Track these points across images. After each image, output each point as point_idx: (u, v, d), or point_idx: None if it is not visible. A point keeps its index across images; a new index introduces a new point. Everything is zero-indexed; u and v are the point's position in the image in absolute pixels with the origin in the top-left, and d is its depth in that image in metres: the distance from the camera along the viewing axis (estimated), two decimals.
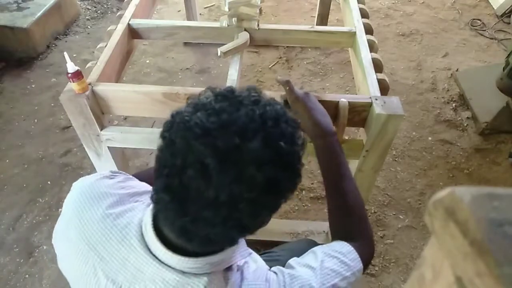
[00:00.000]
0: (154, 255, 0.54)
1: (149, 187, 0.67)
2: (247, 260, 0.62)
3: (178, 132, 0.47)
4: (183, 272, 0.54)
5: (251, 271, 0.60)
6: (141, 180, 0.71)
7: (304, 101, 0.82)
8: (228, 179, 0.44)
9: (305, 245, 1.05)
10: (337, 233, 0.74)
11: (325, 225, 1.43)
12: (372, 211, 1.55)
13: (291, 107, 0.84)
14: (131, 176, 0.69)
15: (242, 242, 0.63)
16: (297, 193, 1.61)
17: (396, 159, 1.74)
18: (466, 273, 0.21)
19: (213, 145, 0.44)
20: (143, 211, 0.59)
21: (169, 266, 0.54)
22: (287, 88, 0.85)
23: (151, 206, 0.56)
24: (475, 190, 0.22)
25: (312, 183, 1.64)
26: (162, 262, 0.54)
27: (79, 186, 0.63)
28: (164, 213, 0.51)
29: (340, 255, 0.65)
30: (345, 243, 0.68)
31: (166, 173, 0.47)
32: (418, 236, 1.48)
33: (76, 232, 0.59)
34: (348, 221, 0.74)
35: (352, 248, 0.67)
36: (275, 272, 0.62)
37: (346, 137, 1.01)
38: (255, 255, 0.66)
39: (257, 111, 0.48)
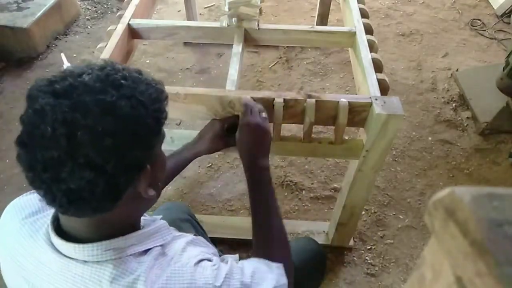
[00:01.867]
0: (58, 251, 0.55)
1: None
2: (174, 242, 0.61)
3: (26, 96, 0.50)
4: (84, 262, 0.53)
5: (184, 257, 0.58)
6: None
7: (250, 131, 0.82)
8: (62, 110, 0.46)
9: (304, 243, 1.06)
10: (263, 257, 0.74)
11: (325, 225, 1.43)
12: (372, 211, 1.55)
13: (239, 129, 0.84)
14: None
15: (161, 225, 0.62)
16: (297, 193, 1.61)
17: (396, 159, 1.74)
18: (466, 273, 0.21)
19: (52, 89, 0.48)
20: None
21: (71, 258, 0.54)
22: (244, 110, 0.85)
23: None
24: (475, 190, 0.22)
25: (312, 183, 1.64)
26: (65, 256, 0.54)
27: (7, 207, 0.65)
28: (27, 177, 0.50)
29: (268, 268, 0.66)
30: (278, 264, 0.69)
31: (20, 132, 0.49)
32: (418, 236, 1.48)
33: (2, 249, 0.61)
34: (271, 252, 0.75)
35: (281, 265, 0.68)
36: (211, 260, 0.60)
37: (346, 137, 1.01)
38: (186, 238, 0.64)
39: (99, 64, 0.53)
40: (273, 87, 2.08)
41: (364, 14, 1.28)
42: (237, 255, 0.79)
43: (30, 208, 0.62)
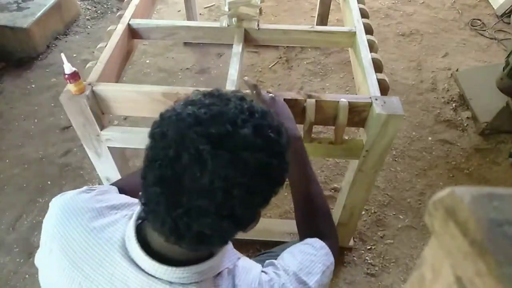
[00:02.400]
0: (140, 268, 0.54)
1: (128, 199, 0.66)
2: (238, 263, 0.62)
3: (169, 124, 0.48)
4: (170, 283, 0.53)
5: (243, 276, 0.59)
6: (121, 187, 0.72)
7: (270, 106, 0.82)
8: (223, 164, 0.45)
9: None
10: (306, 233, 0.75)
11: None
12: (372, 211, 1.55)
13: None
14: (107, 189, 0.69)
15: (230, 246, 0.63)
16: None
17: (396, 159, 1.74)
18: (466, 273, 0.21)
19: (207, 132, 0.46)
20: (125, 225, 0.58)
21: (156, 277, 0.53)
22: (254, 92, 0.85)
23: (134, 218, 0.56)
24: (475, 190, 0.22)
25: None
26: (149, 274, 0.53)
27: (58, 203, 0.63)
28: (154, 211, 0.49)
29: (314, 251, 0.68)
30: (317, 239, 0.70)
31: (157, 166, 0.47)
32: (418, 236, 1.48)
33: (59, 250, 0.58)
34: (316, 223, 0.76)
35: (324, 244, 0.69)
36: (266, 273, 0.62)
37: (346, 137, 1.01)
38: (245, 258, 0.65)
39: (245, 105, 0.50)
40: (273, 87, 2.08)
41: (364, 14, 1.28)
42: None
43: (89, 213, 0.60)
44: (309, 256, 0.65)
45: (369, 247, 1.44)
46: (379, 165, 1.02)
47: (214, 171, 0.45)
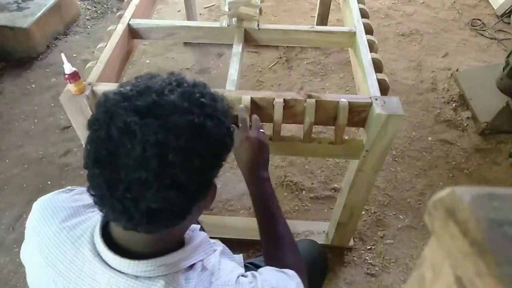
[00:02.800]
0: (106, 263, 0.53)
1: None
2: (221, 263, 0.61)
3: (99, 108, 0.49)
4: (136, 277, 0.52)
5: (222, 273, 0.58)
6: None
7: (249, 145, 0.82)
8: (152, 130, 0.45)
9: (306, 245, 1.06)
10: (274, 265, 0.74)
11: (325, 225, 1.43)
12: (372, 211, 1.55)
13: (237, 143, 0.84)
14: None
15: (205, 238, 0.62)
16: (297, 193, 1.61)
17: (396, 159, 1.74)
18: (466, 273, 0.21)
19: (133, 106, 0.47)
20: (97, 221, 0.58)
21: (122, 272, 0.53)
22: (240, 125, 0.86)
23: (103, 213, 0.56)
24: (475, 190, 0.22)
25: (312, 183, 1.64)
26: (114, 269, 0.53)
27: (39, 203, 0.64)
28: (101, 197, 0.49)
29: (287, 277, 0.66)
30: (288, 270, 0.69)
31: (93, 150, 0.47)
32: (418, 236, 1.48)
33: (36, 249, 0.59)
34: (283, 258, 0.75)
35: (296, 274, 0.68)
36: (246, 276, 0.61)
37: (346, 137, 1.01)
38: (226, 260, 0.64)
39: (173, 78, 0.52)
40: (273, 87, 2.08)
41: (364, 14, 1.28)
42: (241, 255, 0.79)
43: (65, 211, 0.60)
44: (284, 280, 0.64)
45: (369, 247, 1.44)
46: (379, 165, 1.02)
47: (144, 139, 0.45)
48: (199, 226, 0.67)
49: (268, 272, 0.65)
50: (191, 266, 0.57)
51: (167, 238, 0.55)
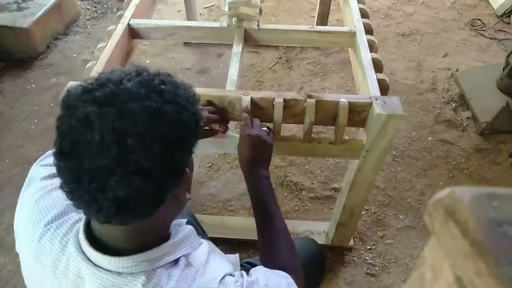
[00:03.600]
0: (90, 260, 0.54)
1: None
2: (210, 258, 0.61)
3: (62, 105, 0.50)
4: (118, 273, 0.53)
5: (208, 270, 0.58)
6: None
7: (250, 142, 0.83)
8: (109, 118, 0.46)
9: (304, 243, 1.06)
10: (269, 267, 0.73)
11: (325, 225, 1.43)
12: (372, 211, 1.55)
13: (239, 140, 0.86)
14: None
15: (190, 232, 0.62)
16: (297, 193, 1.61)
17: (396, 159, 1.74)
18: (466, 273, 0.21)
19: (92, 97, 0.48)
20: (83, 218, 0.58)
21: (104, 269, 0.53)
22: (242, 123, 0.87)
23: None
24: (475, 190, 0.22)
25: (312, 183, 1.64)
26: (97, 266, 0.53)
27: (29, 199, 0.64)
28: (71, 191, 0.49)
29: (279, 277, 0.65)
30: (281, 271, 0.68)
31: (58, 144, 0.48)
32: (418, 236, 1.48)
33: (26, 246, 0.60)
34: (279, 258, 0.75)
35: (288, 275, 0.67)
36: (233, 275, 0.60)
37: (346, 137, 1.01)
38: (215, 258, 0.63)
39: (134, 69, 0.53)
40: (273, 87, 2.08)
41: (364, 14, 1.28)
42: (237, 255, 0.79)
43: (56, 209, 0.61)
44: (274, 281, 0.63)
45: (369, 247, 1.44)
46: (379, 165, 1.02)
47: (102, 127, 0.46)
48: (185, 220, 0.67)
49: (258, 273, 0.65)
50: (176, 262, 0.57)
51: (146, 231, 0.55)
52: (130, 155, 0.47)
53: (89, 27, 2.53)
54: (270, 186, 0.83)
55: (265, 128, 0.88)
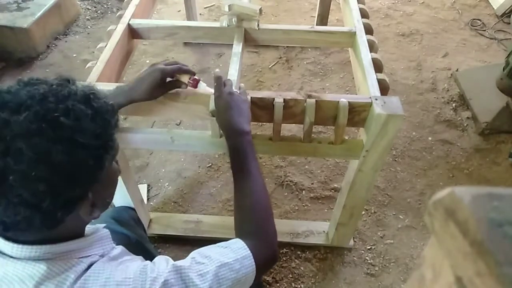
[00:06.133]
0: None
1: None
2: (126, 258, 0.61)
3: None
4: (19, 259, 0.53)
5: (114, 266, 0.57)
6: None
7: (225, 100, 0.82)
8: None
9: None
10: (237, 231, 0.73)
11: (325, 225, 1.43)
12: (372, 211, 1.55)
13: (214, 104, 0.85)
14: None
15: (104, 234, 0.63)
16: (297, 193, 1.61)
17: (396, 159, 1.74)
18: (466, 273, 0.21)
19: None
20: None
21: (10, 256, 0.53)
22: (215, 84, 0.85)
23: None
24: (475, 190, 0.22)
25: (312, 183, 1.64)
26: (4, 254, 0.54)
27: None
28: None
29: (228, 249, 0.65)
30: (239, 240, 0.67)
31: None
32: (418, 236, 1.48)
33: None
34: (248, 220, 0.73)
35: (244, 245, 0.66)
36: (144, 263, 0.60)
37: (346, 137, 1.01)
38: (132, 260, 0.62)
39: (42, 90, 0.50)
40: (273, 87, 2.08)
41: (364, 14, 1.28)
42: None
43: None
44: (222, 255, 0.62)
45: (369, 247, 1.44)
46: (379, 165, 1.02)
47: None
48: (103, 225, 0.67)
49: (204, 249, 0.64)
50: (86, 258, 0.57)
51: (53, 234, 0.55)
52: (12, 190, 0.46)
53: (89, 27, 2.53)
54: (250, 142, 0.80)
55: (237, 89, 0.88)
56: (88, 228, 0.63)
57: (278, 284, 1.33)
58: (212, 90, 0.89)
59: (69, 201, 0.52)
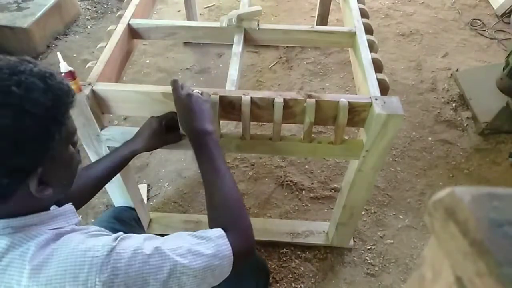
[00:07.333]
0: None
1: None
2: (101, 233, 0.61)
3: None
4: None
5: (77, 239, 0.57)
6: None
7: (184, 102, 0.82)
8: None
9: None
10: (211, 227, 0.73)
11: (325, 225, 1.43)
12: (372, 211, 1.55)
13: (175, 105, 0.85)
14: None
15: (68, 208, 0.64)
16: (297, 193, 1.61)
17: (396, 159, 1.74)
18: (466, 273, 0.21)
19: None
20: None
21: None
22: (172, 88, 0.85)
23: None
24: (475, 190, 0.22)
25: (312, 183, 1.64)
26: None
27: None
28: None
29: (202, 234, 0.66)
30: (218, 229, 0.68)
31: None
32: (418, 236, 1.48)
33: None
34: (221, 215, 0.73)
35: (222, 233, 0.67)
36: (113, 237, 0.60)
37: (346, 137, 1.01)
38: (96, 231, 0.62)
39: (0, 63, 0.52)
40: (273, 87, 2.08)
41: (364, 14, 1.28)
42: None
43: None
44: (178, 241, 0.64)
45: (369, 247, 1.44)
46: (379, 165, 1.02)
47: None
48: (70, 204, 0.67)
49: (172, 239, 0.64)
50: (51, 232, 0.57)
51: (9, 208, 0.56)
52: None
53: (89, 27, 2.53)
54: (214, 141, 0.80)
55: (197, 90, 0.87)
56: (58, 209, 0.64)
57: (278, 284, 1.33)
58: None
59: (16, 170, 0.52)
